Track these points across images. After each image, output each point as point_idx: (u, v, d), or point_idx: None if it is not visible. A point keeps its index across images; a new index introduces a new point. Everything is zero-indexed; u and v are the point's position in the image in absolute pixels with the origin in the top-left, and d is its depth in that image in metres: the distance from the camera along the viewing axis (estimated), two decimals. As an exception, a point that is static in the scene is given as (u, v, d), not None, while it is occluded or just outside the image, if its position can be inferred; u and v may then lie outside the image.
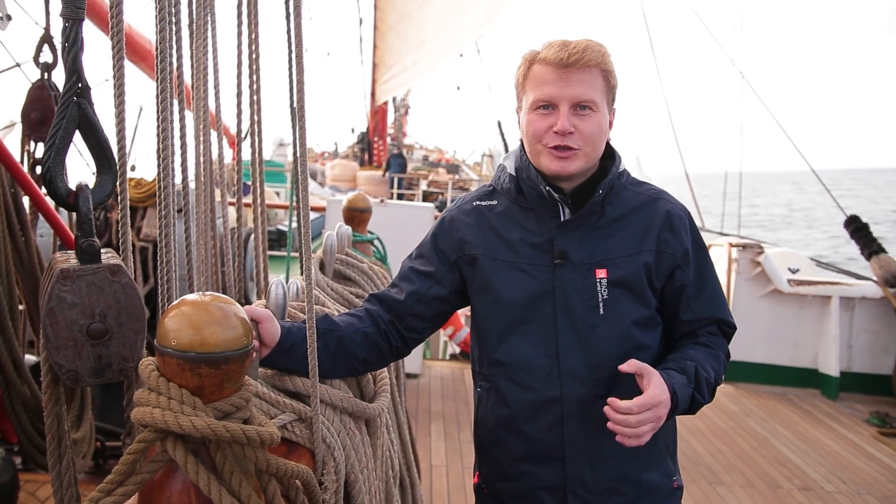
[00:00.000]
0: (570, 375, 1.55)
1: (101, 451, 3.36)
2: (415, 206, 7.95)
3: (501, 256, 1.61)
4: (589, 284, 1.55)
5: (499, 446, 1.66)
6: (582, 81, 1.50)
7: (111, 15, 1.38)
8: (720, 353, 1.62)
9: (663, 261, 1.58)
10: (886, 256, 6.20)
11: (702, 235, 1.70)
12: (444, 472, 4.18)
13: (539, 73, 1.54)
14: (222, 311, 0.91)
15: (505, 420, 1.63)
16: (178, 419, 0.86)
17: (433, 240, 1.72)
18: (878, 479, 4.48)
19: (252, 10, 2.23)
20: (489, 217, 1.66)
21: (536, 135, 1.55)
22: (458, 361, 6.62)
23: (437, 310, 1.68)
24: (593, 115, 1.52)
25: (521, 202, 1.63)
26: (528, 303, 1.58)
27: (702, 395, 1.53)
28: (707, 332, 1.64)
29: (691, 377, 1.51)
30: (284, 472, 0.97)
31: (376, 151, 26.00)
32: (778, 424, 5.40)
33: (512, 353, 1.60)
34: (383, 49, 17.92)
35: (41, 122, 3.01)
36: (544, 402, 1.57)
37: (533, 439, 1.59)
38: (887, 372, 6.12)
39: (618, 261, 1.56)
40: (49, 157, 1.40)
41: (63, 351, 1.34)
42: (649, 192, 1.65)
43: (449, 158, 34.72)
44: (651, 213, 1.60)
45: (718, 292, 1.66)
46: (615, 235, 1.58)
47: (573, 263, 1.56)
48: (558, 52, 1.50)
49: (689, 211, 1.68)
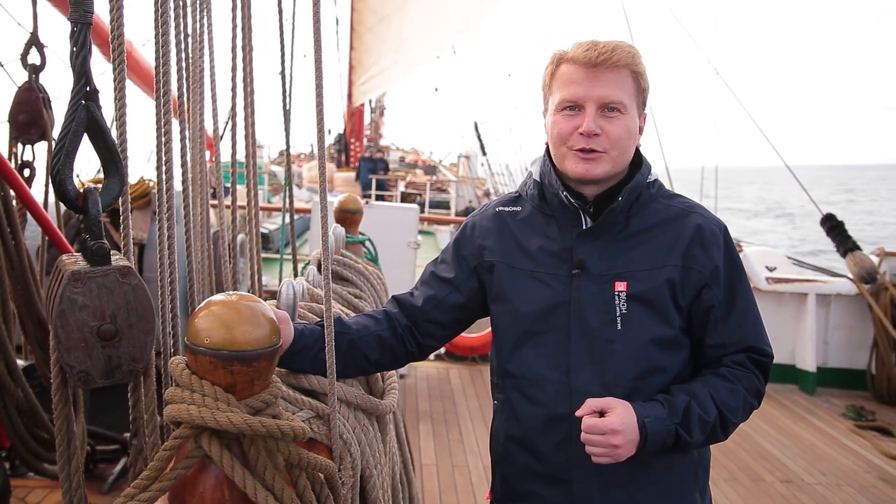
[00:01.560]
0: (580, 393, 1.45)
1: (91, 455, 3.33)
2: (399, 207, 7.95)
3: (519, 265, 1.56)
4: (607, 297, 1.47)
5: (509, 462, 1.61)
6: (610, 82, 1.44)
7: (111, 29, 1.39)
8: (739, 388, 1.47)
9: (690, 278, 1.47)
10: (861, 253, 6.34)
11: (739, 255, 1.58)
12: (434, 471, 4.21)
13: (566, 72, 1.48)
14: (251, 310, 0.94)
15: (515, 435, 1.57)
16: (214, 415, 0.88)
17: (455, 246, 1.68)
18: (855, 471, 4.59)
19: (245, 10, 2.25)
20: (511, 224, 1.61)
21: (561, 136, 1.48)
22: (443, 361, 6.65)
23: (454, 317, 1.65)
24: (621, 118, 1.46)
25: (543, 209, 1.57)
26: (543, 314, 1.51)
27: (688, 433, 1.40)
28: (734, 363, 1.50)
29: (678, 412, 1.40)
30: (312, 466, 0.99)
31: (353, 153, 25.92)
32: (758, 419, 5.50)
33: (523, 366, 1.53)
34: (360, 51, 17.83)
35: (29, 125, 3.00)
36: (553, 419, 1.50)
37: (541, 457, 1.53)
38: (862, 367, 6.26)
39: (639, 274, 1.47)
40: (59, 161, 1.40)
41: (74, 352, 1.35)
42: (681, 205, 1.55)
43: (426, 160, 34.71)
44: (680, 227, 1.50)
45: (752, 317, 1.53)
46: (639, 248, 1.49)
47: (591, 274, 1.49)
48: (587, 52, 1.45)
49: (725, 226, 1.56)
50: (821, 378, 6.25)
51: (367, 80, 18.38)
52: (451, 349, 6.65)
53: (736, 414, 1.47)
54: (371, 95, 23.58)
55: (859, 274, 6.22)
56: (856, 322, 6.35)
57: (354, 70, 19.19)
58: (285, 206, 2.79)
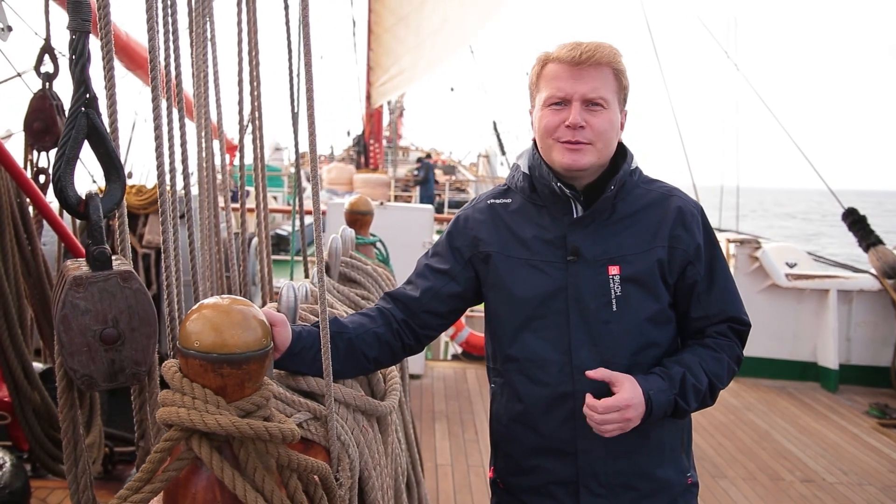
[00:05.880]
0: (582, 371, 1.56)
1: (109, 457, 3.38)
2: (415, 207, 7.97)
3: (515, 254, 1.63)
4: (602, 281, 1.57)
5: (513, 441, 1.68)
6: (594, 79, 1.54)
7: (100, 26, 1.40)
8: (724, 357, 1.62)
9: (676, 256, 1.59)
10: (884, 248, 6.24)
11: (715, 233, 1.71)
12: (449, 472, 4.21)
13: (552, 71, 1.58)
14: (242, 313, 0.95)
15: (519, 415, 1.65)
16: (203, 418, 0.89)
17: (448, 238, 1.74)
18: (878, 470, 4.52)
19: (251, 15, 2.26)
20: (503, 215, 1.68)
21: (548, 129, 1.58)
22: (460, 362, 6.65)
23: (451, 307, 1.71)
24: (604, 112, 1.55)
25: (534, 200, 1.65)
26: (541, 300, 1.60)
27: (686, 402, 1.54)
28: (717, 333, 1.64)
29: (675, 383, 1.53)
30: (305, 468, 1.00)
31: (372, 154, 26.01)
32: (778, 418, 5.44)
33: (525, 349, 1.62)
34: (379, 52, 17.84)
35: (44, 132, 3.04)
36: (557, 398, 1.59)
37: (546, 434, 1.62)
38: (886, 364, 6.16)
39: (630, 257, 1.58)
40: (59, 167, 1.42)
41: (77, 356, 1.37)
42: (661, 189, 1.66)
43: (445, 160, 34.76)
44: (663, 210, 1.62)
45: (731, 289, 1.66)
46: (627, 232, 1.60)
47: (586, 260, 1.58)
48: (570, 52, 1.55)
49: (701, 207, 1.69)
50: (843, 375, 6.17)
51: (387, 82, 18.37)
52: (468, 349, 6.65)
53: (722, 380, 1.61)
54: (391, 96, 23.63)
55: (882, 269, 6.13)
56: (879, 318, 6.26)
57: (373, 71, 19.21)
58: (295, 208, 2.81)
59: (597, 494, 1.60)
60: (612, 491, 1.61)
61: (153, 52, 1.57)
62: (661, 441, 1.54)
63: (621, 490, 1.61)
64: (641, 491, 1.62)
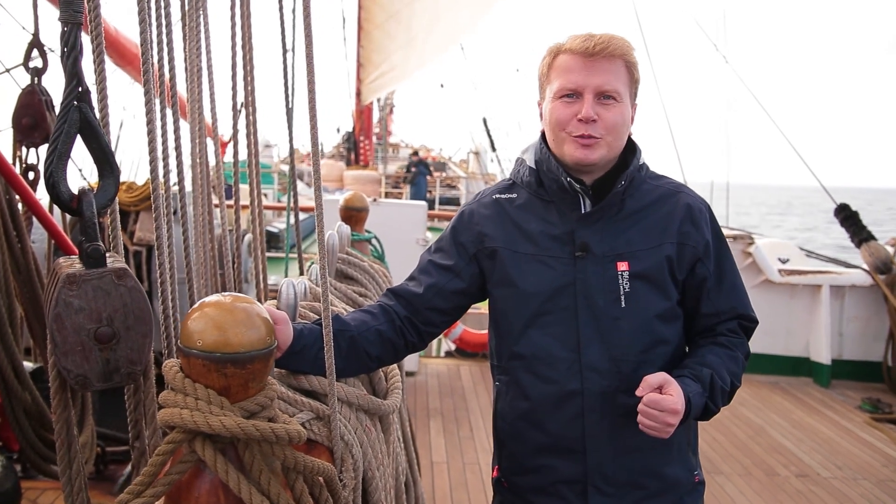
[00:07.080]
0: (590, 369, 1.54)
1: (101, 457, 3.34)
2: (408, 204, 7.95)
3: (522, 249, 1.60)
4: (610, 277, 1.55)
5: (518, 440, 1.65)
6: (606, 71, 1.52)
7: (90, 19, 1.37)
8: (739, 355, 1.61)
9: (685, 253, 1.58)
10: (876, 243, 6.26)
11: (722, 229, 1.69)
12: (445, 469, 4.19)
13: (564, 62, 1.55)
14: (245, 311, 0.92)
15: (525, 413, 1.62)
16: (207, 419, 0.86)
17: (452, 233, 1.71)
18: (872, 464, 4.53)
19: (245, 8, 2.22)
20: (509, 210, 1.65)
21: (560, 122, 1.55)
22: (453, 358, 6.63)
23: (455, 303, 1.68)
24: (617, 105, 1.53)
25: (541, 195, 1.63)
26: (549, 295, 1.57)
27: (715, 404, 1.52)
28: (728, 330, 1.63)
29: (706, 386, 1.50)
30: (310, 470, 0.97)
31: (363, 151, 25.93)
32: (772, 413, 5.45)
33: (533, 346, 1.59)
34: (369, 48, 17.75)
35: (33, 128, 2.99)
36: (565, 395, 1.57)
37: (553, 432, 1.59)
38: (878, 359, 6.18)
39: (639, 253, 1.56)
40: (52, 163, 1.38)
41: (71, 356, 1.33)
42: (669, 185, 1.65)
43: (435, 156, 34.71)
44: (671, 206, 1.60)
45: (739, 286, 1.66)
46: (635, 228, 1.58)
47: (595, 256, 1.56)
48: (583, 43, 1.52)
49: (708, 204, 1.68)
50: (836, 371, 6.19)
51: (377, 78, 18.28)
52: (462, 346, 6.63)
53: (739, 378, 1.59)
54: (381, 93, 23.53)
55: (874, 264, 6.15)
56: (871, 313, 6.28)
57: (363, 68, 19.11)
58: (289, 205, 2.77)
59: (605, 493, 1.58)
60: (621, 489, 1.58)
61: (145, 46, 1.54)
62: (670, 439, 1.51)
63: (629, 488, 1.59)
64: (650, 489, 1.60)
